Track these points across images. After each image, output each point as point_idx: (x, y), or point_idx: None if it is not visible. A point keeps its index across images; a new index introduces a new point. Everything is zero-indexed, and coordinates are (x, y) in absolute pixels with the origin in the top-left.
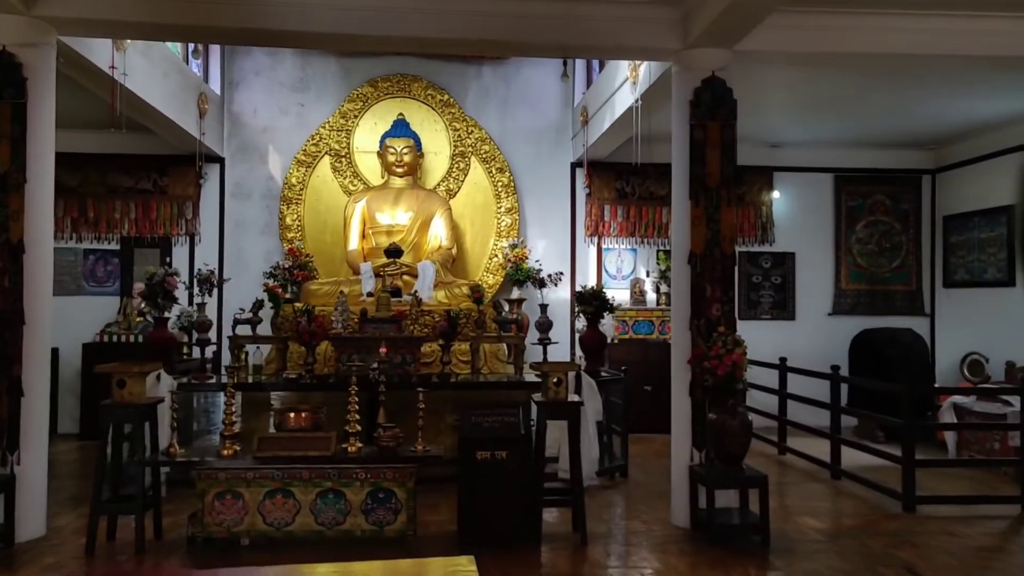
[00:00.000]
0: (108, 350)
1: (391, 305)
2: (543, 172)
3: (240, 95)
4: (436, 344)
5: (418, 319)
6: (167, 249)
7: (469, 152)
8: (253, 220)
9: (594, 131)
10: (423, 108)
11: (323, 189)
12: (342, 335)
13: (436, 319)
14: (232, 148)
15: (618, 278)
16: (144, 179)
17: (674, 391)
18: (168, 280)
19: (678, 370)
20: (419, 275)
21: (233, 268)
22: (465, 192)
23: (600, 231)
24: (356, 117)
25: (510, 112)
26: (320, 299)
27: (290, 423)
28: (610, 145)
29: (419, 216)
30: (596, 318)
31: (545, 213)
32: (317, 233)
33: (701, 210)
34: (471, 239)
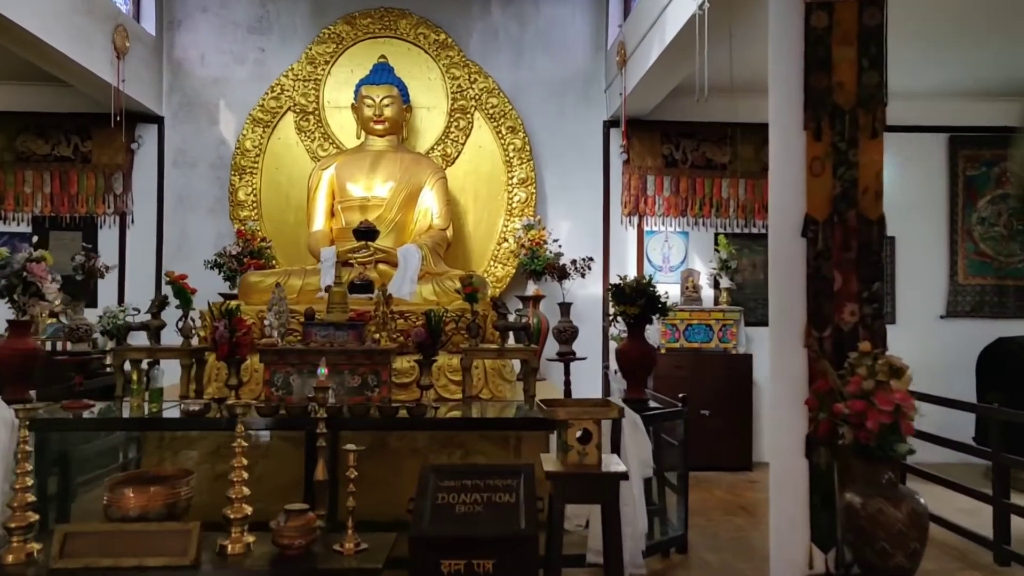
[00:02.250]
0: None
1: (349, 304)
2: (567, 133)
3: (183, 38)
4: (411, 359)
5: (387, 324)
6: (91, 232)
7: (472, 107)
8: (200, 195)
9: (635, 72)
10: (413, 51)
11: (285, 155)
12: (275, 346)
13: (414, 323)
14: (173, 105)
15: (664, 269)
16: (62, 144)
17: (774, 446)
18: (30, 269)
19: (781, 412)
20: (399, 264)
21: (175, 256)
22: (467, 158)
23: (641, 209)
24: (328, 63)
25: (526, 58)
26: (263, 295)
27: (126, 505)
28: (656, 93)
29: (403, 186)
30: (641, 323)
31: (570, 185)
32: (277, 211)
33: (825, 147)
34: (474, 218)
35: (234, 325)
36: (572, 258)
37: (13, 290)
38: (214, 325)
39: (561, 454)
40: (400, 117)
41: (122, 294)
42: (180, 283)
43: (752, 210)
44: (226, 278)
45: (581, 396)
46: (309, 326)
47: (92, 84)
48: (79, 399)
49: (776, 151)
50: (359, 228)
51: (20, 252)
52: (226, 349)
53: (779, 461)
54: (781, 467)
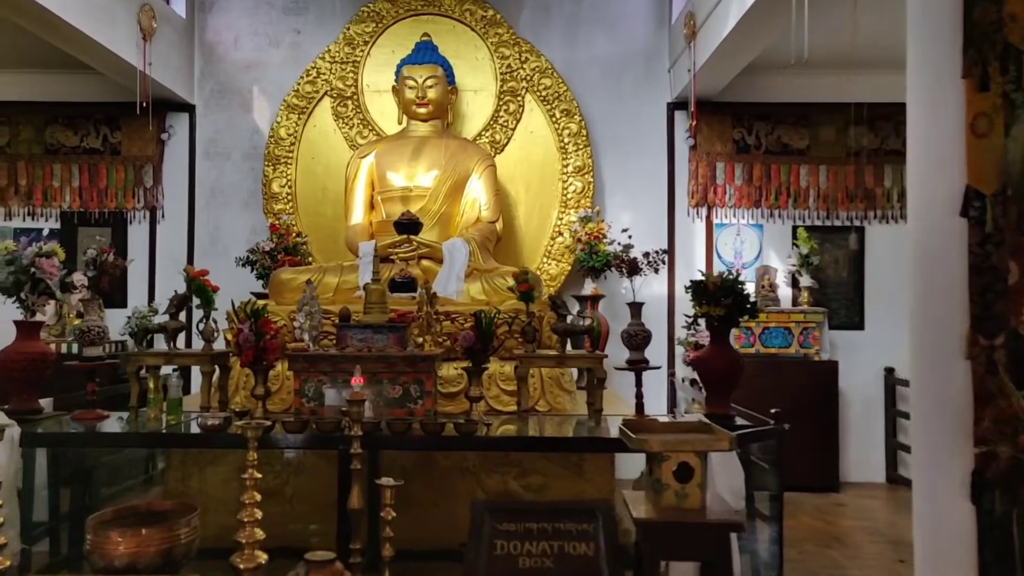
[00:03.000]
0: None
1: (389, 303)
2: (627, 117)
3: (215, 20)
4: (458, 366)
5: (431, 326)
6: (120, 228)
7: (522, 89)
8: (233, 188)
9: (706, 46)
10: (458, 29)
11: (322, 143)
12: (306, 351)
13: (462, 325)
14: (205, 92)
15: (736, 266)
16: (91, 135)
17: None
18: (39, 264)
19: (932, 442)
20: (445, 259)
21: (207, 253)
22: (517, 145)
23: (710, 199)
24: (367, 44)
25: (581, 35)
26: (295, 294)
27: (112, 552)
28: (729, 70)
29: (448, 175)
30: (727, 326)
31: (630, 174)
32: (313, 204)
33: (994, 99)
34: (525, 210)
35: (260, 327)
36: (643, 251)
37: (21, 288)
38: (238, 327)
39: (652, 494)
40: (445, 99)
41: (152, 293)
42: (200, 280)
43: (834, 200)
44: (259, 276)
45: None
46: (344, 329)
47: (118, 68)
48: (92, 408)
49: (920, 108)
50: (401, 220)
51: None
52: (251, 354)
53: (931, 506)
54: (935, 513)
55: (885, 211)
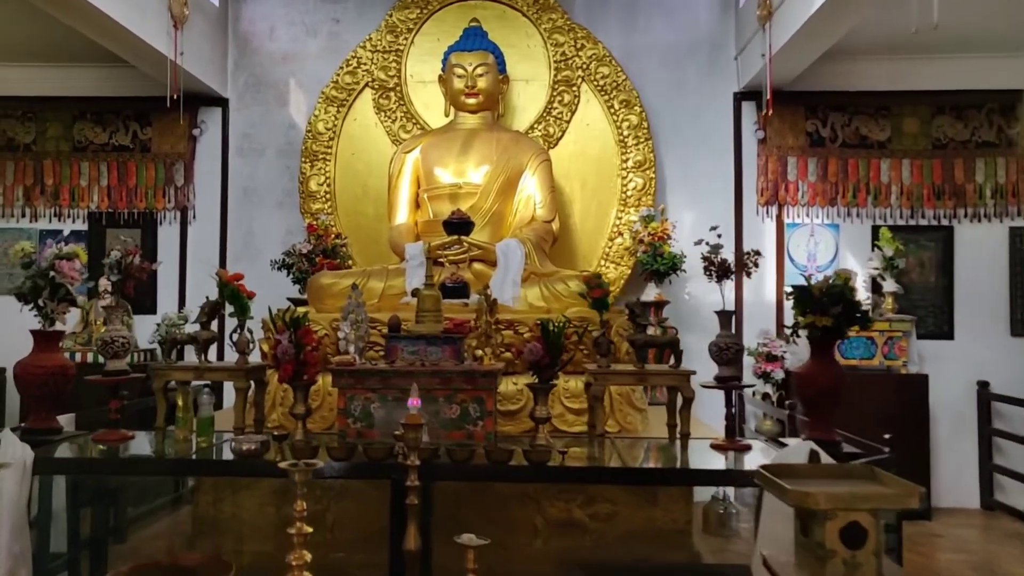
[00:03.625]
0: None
1: (444, 311)
2: (689, 108)
3: (250, 9)
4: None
5: (491, 337)
6: (150, 229)
7: (578, 78)
8: (268, 186)
9: (783, 29)
10: (508, 14)
11: (362, 138)
12: (352, 365)
13: (523, 336)
14: (239, 85)
15: (810, 269)
16: (120, 131)
17: None
18: (59, 267)
19: None
20: (498, 262)
21: (240, 256)
22: (572, 139)
23: (781, 197)
24: (410, 32)
25: (640, 21)
26: (337, 300)
27: None
28: (805, 56)
29: (500, 171)
30: (832, 339)
31: (693, 170)
32: (353, 203)
33: None
34: (581, 209)
35: (301, 338)
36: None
37: (39, 293)
38: (275, 338)
39: (811, 561)
40: (496, 89)
41: (183, 299)
42: (234, 285)
43: (919, 196)
44: (296, 280)
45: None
46: (394, 340)
47: (148, 59)
48: (115, 428)
49: None
50: (451, 220)
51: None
52: (291, 369)
53: None
54: None
55: (976, 209)
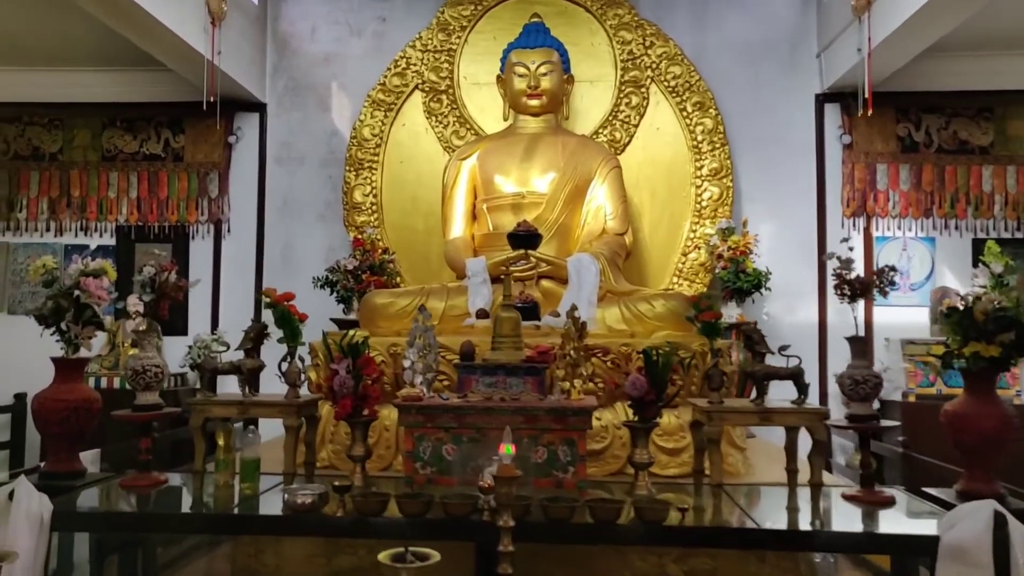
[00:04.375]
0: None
1: (522, 335)
2: (766, 111)
3: (290, 9)
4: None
5: (579, 366)
6: (181, 243)
7: (647, 79)
8: (308, 198)
9: (887, 19)
10: (570, 10)
11: (412, 145)
12: (419, 400)
13: (613, 365)
14: (278, 89)
15: (903, 287)
16: (151, 139)
17: None
18: (85, 285)
19: None
20: (570, 279)
21: (278, 272)
22: (641, 144)
23: (870, 208)
24: (464, 30)
25: (710, 16)
26: (392, 323)
27: None
28: (909, 49)
29: (568, 179)
30: (996, 370)
31: (771, 178)
32: (401, 215)
33: None
34: (650, 221)
35: (361, 368)
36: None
37: (62, 316)
38: (332, 368)
39: None
40: (560, 90)
41: (216, 319)
42: (284, 306)
43: None
44: (340, 299)
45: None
46: (467, 370)
47: (183, 58)
48: (146, 471)
49: None
50: (517, 231)
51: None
52: (350, 404)
53: None
54: None
55: None
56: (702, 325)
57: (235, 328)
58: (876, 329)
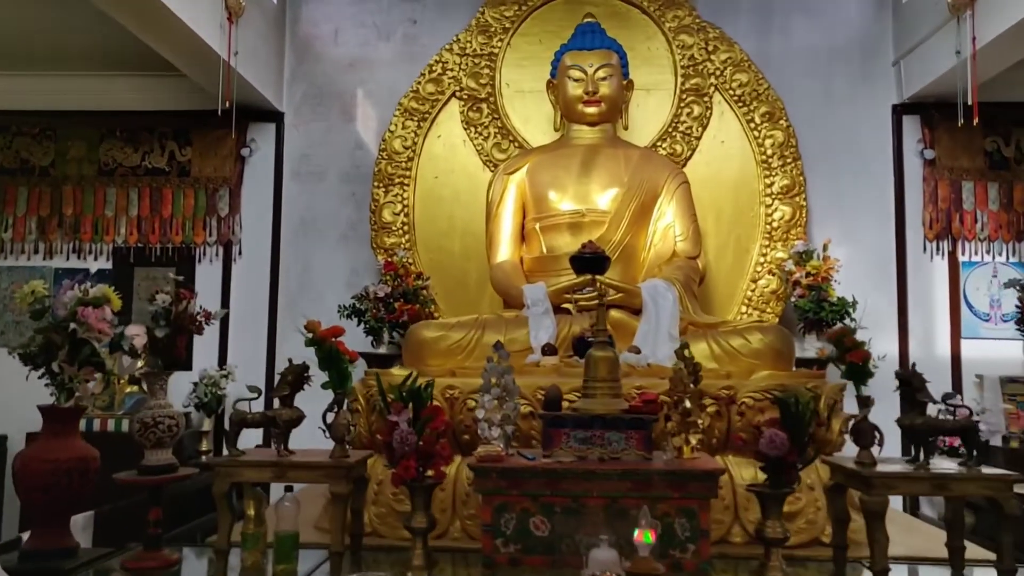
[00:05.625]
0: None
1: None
2: (837, 123)
3: (312, 10)
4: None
5: (691, 415)
6: (186, 267)
7: (710, 87)
8: (330, 217)
9: (997, 16)
10: (623, 11)
11: (448, 159)
12: (500, 461)
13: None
14: (296, 97)
15: (994, 319)
16: (155, 152)
17: None
18: (84, 316)
19: None
20: (645, 309)
21: (295, 300)
22: (704, 158)
23: (955, 230)
24: (507, 32)
25: (776, 21)
26: (446, 360)
27: None
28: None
29: (633, 195)
30: None
31: (845, 197)
32: (436, 236)
33: None
34: (716, 244)
35: (425, 421)
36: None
37: (53, 354)
38: (390, 420)
39: None
40: (620, 96)
41: (224, 352)
42: (331, 343)
43: None
44: (368, 331)
45: None
46: (554, 423)
47: (195, 57)
48: (155, 547)
49: None
50: (582, 254)
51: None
52: (413, 465)
53: None
54: None
55: None
56: (848, 367)
57: (246, 363)
58: (964, 365)
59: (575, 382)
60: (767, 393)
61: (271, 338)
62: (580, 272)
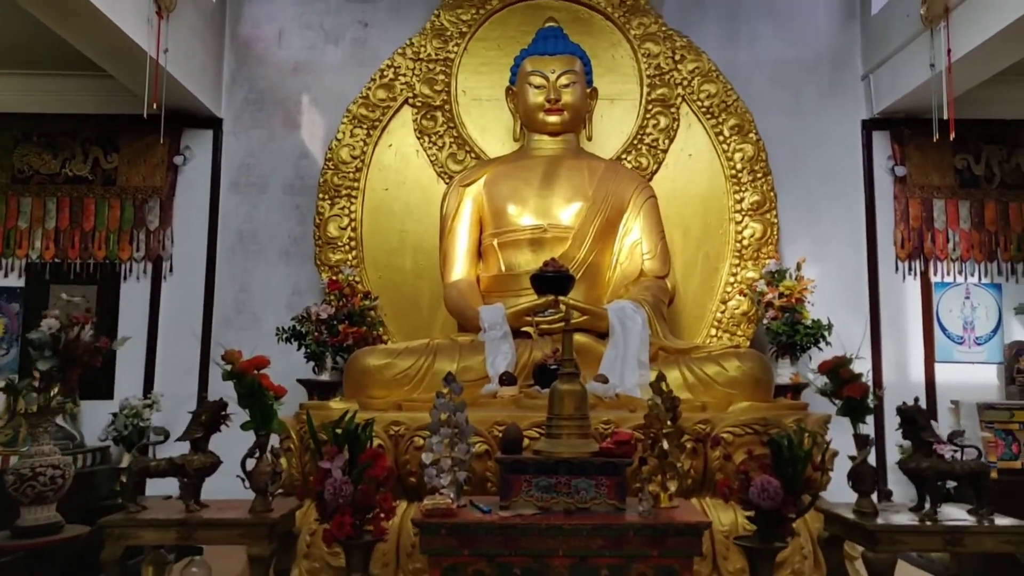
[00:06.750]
0: None
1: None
2: (806, 138)
3: (254, 9)
4: None
5: (668, 457)
6: (109, 286)
7: (677, 97)
8: (271, 231)
9: (974, 28)
10: (587, 17)
11: (400, 170)
12: (451, 515)
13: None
14: (236, 102)
15: (968, 342)
16: (77, 158)
17: None
18: None
19: None
20: (612, 333)
21: (231, 322)
22: (670, 172)
23: (927, 249)
24: (463, 36)
25: (743, 31)
26: (391, 391)
27: None
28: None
29: (598, 210)
30: None
31: (813, 214)
32: (385, 253)
33: None
34: (684, 263)
35: (365, 467)
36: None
37: None
38: (321, 467)
39: None
40: (583, 105)
41: (150, 380)
42: (253, 376)
43: None
44: (309, 356)
45: None
46: (515, 468)
47: (119, 53)
48: None
49: None
50: (544, 272)
51: None
52: (349, 521)
53: None
54: None
55: None
56: (845, 403)
57: (174, 393)
58: (939, 390)
59: (537, 416)
60: (747, 428)
61: (203, 364)
62: (542, 292)
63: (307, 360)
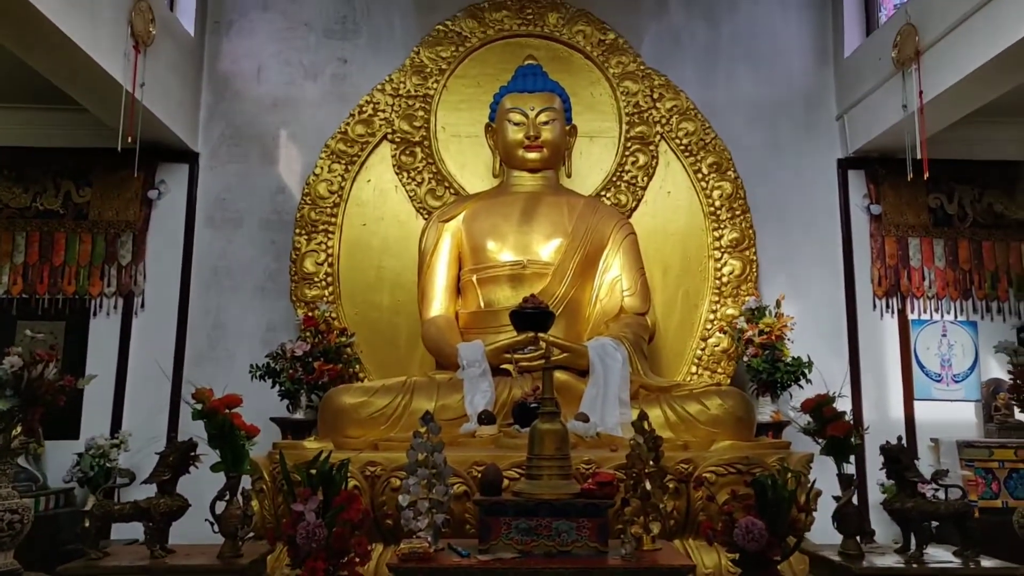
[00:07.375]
0: None
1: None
2: (785, 177)
3: (233, 44)
4: None
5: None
6: (78, 321)
7: (656, 135)
8: (246, 267)
9: (945, 71)
10: (566, 56)
11: (377, 205)
12: (428, 560)
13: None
14: (213, 137)
15: (945, 380)
16: (49, 192)
17: None
18: None
19: None
20: (592, 370)
21: (204, 358)
22: (649, 210)
23: (904, 287)
24: (443, 73)
25: (720, 70)
26: (367, 430)
27: None
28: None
29: (578, 246)
30: None
31: (791, 252)
32: (363, 289)
33: None
34: (663, 300)
35: (339, 510)
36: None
37: None
38: (294, 510)
39: None
40: (563, 142)
41: (118, 418)
42: (225, 415)
43: None
44: (284, 394)
45: None
46: (494, 510)
47: (94, 87)
48: None
49: None
50: (523, 309)
51: None
52: (322, 568)
53: None
54: None
55: None
56: (829, 442)
57: (143, 433)
58: (918, 428)
59: (516, 455)
60: (730, 467)
61: (174, 402)
62: (521, 329)
63: (281, 398)
